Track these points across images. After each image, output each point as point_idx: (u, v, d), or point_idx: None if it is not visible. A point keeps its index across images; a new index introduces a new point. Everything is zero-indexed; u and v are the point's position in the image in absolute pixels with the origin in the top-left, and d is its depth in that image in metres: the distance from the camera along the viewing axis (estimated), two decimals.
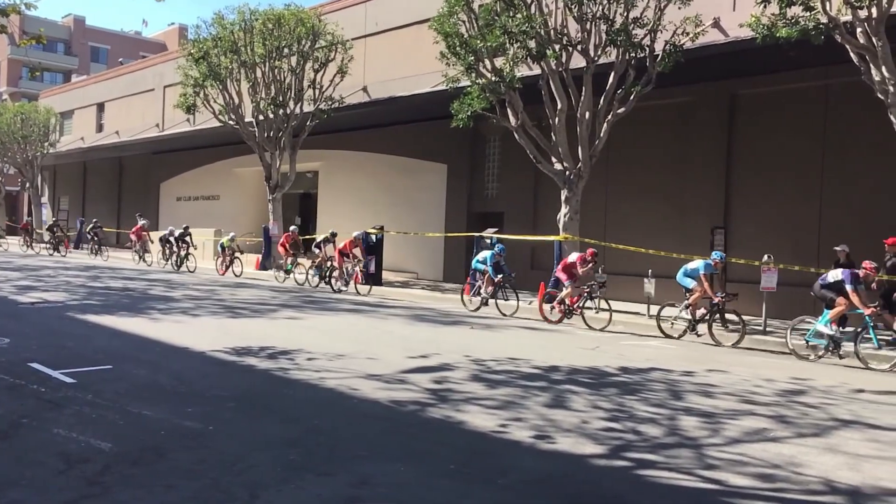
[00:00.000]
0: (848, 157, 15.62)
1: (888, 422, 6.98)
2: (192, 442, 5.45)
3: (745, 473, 5.21)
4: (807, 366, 10.57)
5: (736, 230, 17.00)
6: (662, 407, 7.20)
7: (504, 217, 21.75)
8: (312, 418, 6.28)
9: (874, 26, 11.77)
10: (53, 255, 31.02)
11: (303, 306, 15.52)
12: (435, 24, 16.99)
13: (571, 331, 13.69)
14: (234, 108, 25.08)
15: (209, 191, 34.76)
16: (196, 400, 6.76)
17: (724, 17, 16.48)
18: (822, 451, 5.84)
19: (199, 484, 4.59)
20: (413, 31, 23.78)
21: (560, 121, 16.62)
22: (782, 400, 7.81)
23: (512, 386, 7.92)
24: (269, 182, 25.69)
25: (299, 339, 10.53)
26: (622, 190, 19.31)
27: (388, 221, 23.47)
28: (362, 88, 25.60)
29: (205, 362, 8.79)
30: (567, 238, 16.72)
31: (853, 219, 15.21)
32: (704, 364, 10.05)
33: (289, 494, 4.46)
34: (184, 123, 32.98)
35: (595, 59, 16.02)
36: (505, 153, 22.13)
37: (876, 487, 5.03)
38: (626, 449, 5.75)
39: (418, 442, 5.72)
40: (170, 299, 15.61)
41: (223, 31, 24.40)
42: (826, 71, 15.11)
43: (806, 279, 14.51)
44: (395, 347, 10.25)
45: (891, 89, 11.76)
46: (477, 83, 16.75)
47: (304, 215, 31.69)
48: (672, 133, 18.50)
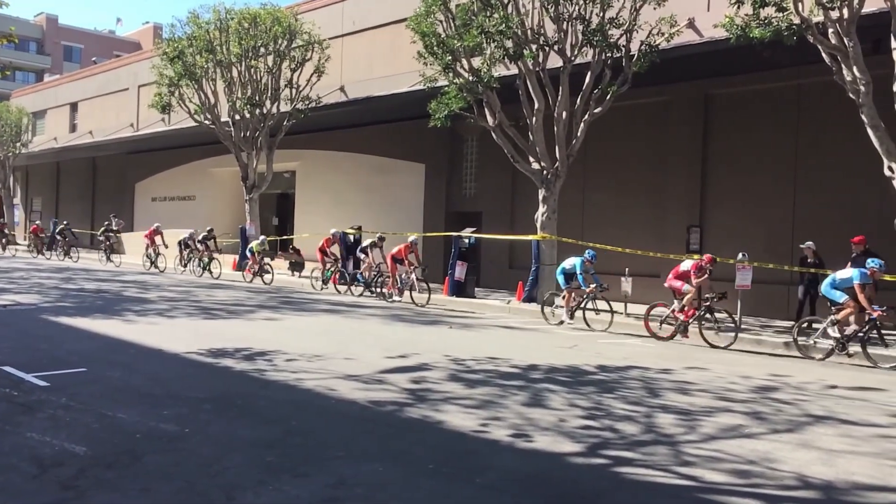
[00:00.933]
0: (820, 157, 15.83)
1: (861, 417, 7.08)
2: (168, 444, 5.40)
3: (721, 470, 5.26)
4: (782, 362, 10.69)
5: (711, 229, 17.17)
6: (640, 405, 7.25)
7: (482, 216, 21.79)
8: (290, 419, 6.24)
9: (845, 27, 11.94)
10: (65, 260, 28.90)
11: (280, 307, 15.43)
12: (412, 24, 16.97)
13: (549, 329, 13.73)
14: (209, 108, 24.89)
15: (185, 191, 34.46)
16: (172, 402, 6.69)
17: (699, 18, 16.63)
18: (797, 447, 5.91)
19: (174, 487, 4.54)
20: (390, 30, 23.75)
21: (537, 120, 16.67)
22: (758, 397, 7.89)
23: (490, 385, 7.93)
24: (246, 182, 25.53)
25: (277, 340, 10.47)
26: (599, 189, 19.41)
27: (366, 221, 23.41)
28: (340, 88, 25.53)
29: (180, 364, 8.71)
30: (545, 237, 16.78)
31: (826, 217, 15.41)
32: (682, 362, 10.12)
33: (266, 496, 4.43)
34: (159, 123, 32.67)
35: (572, 58, 16.10)
36: (483, 153, 22.16)
37: (849, 482, 5.10)
38: (604, 447, 5.77)
39: (397, 442, 5.70)
40: (145, 301, 15.45)
41: (198, 31, 24.23)
42: (799, 71, 15.29)
43: (780, 277, 14.70)
44: (374, 347, 10.22)
45: (862, 89, 11.92)
46: (454, 83, 16.76)
47: (282, 215, 31.53)
48: (648, 133, 18.63)
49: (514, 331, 13.35)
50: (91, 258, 29.65)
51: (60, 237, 30.53)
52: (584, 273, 13.96)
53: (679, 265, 13.21)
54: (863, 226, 14.02)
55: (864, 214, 14.62)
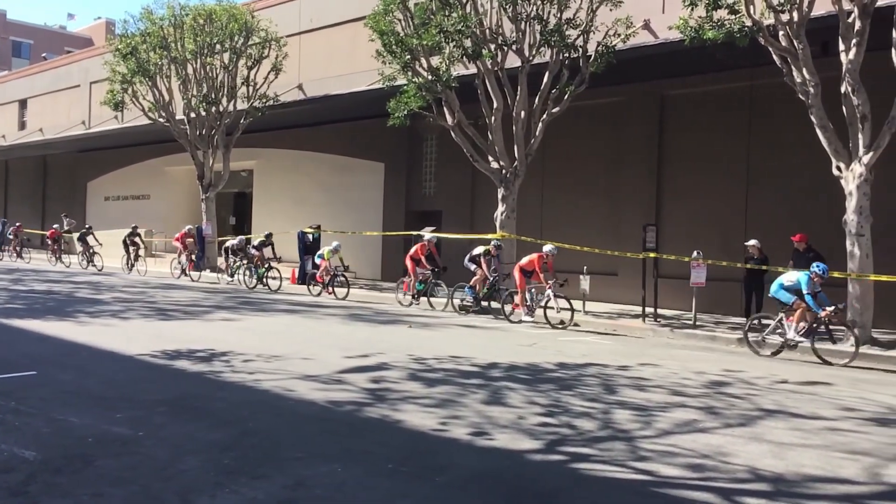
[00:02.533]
0: (772, 156, 16.18)
1: (810, 410, 7.26)
2: (121, 448, 5.30)
3: (676, 464, 5.35)
4: (734, 358, 10.90)
5: (667, 227, 17.42)
6: (597, 401, 7.33)
7: (442, 215, 21.81)
8: (247, 421, 6.17)
9: (795, 29, 12.22)
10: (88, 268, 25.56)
11: (238, 307, 15.25)
12: (370, 22, 16.91)
13: (510, 328, 13.81)
14: (164, 106, 24.49)
15: (139, 190, 33.84)
16: (125, 405, 6.57)
17: (654, 20, 16.87)
18: (749, 441, 6.04)
19: (128, 491, 4.46)
20: (349, 28, 23.62)
21: (496, 120, 16.75)
22: (711, 392, 8.04)
23: (450, 384, 7.94)
24: (202, 181, 25.17)
25: (234, 341, 10.35)
26: (557, 188, 19.57)
27: (326, 220, 23.27)
28: (298, 86, 25.31)
29: (135, 366, 8.55)
30: (504, 236, 16.86)
31: (777, 216, 15.75)
32: (638, 358, 10.27)
33: (223, 499, 4.37)
34: (112, 121, 32.02)
35: (530, 58, 16.21)
36: (442, 152, 22.18)
37: (799, 474, 5.22)
38: (562, 443, 5.83)
39: (356, 442, 5.68)
40: (98, 302, 15.14)
41: (152, 27, 23.83)
42: (751, 73, 15.60)
43: (734, 274, 14.99)
44: (333, 348, 10.16)
45: (811, 90, 12.22)
46: (413, 82, 16.74)
47: (239, 215, 31.17)
48: (605, 132, 18.84)
49: (474, 329, 13.40)
50: (41, 258, 28.96)
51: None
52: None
53: None
54: (813, 224, 14.38)
55: (814, 213, 14.99)
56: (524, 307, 14.55)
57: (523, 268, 14.95)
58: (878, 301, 12.13)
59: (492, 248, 15.74)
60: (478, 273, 15.72)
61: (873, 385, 8.99)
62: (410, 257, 16.85)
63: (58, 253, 27.08)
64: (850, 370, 10.23)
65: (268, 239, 20.58)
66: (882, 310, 12.44)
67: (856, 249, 11.95)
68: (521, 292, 14.59)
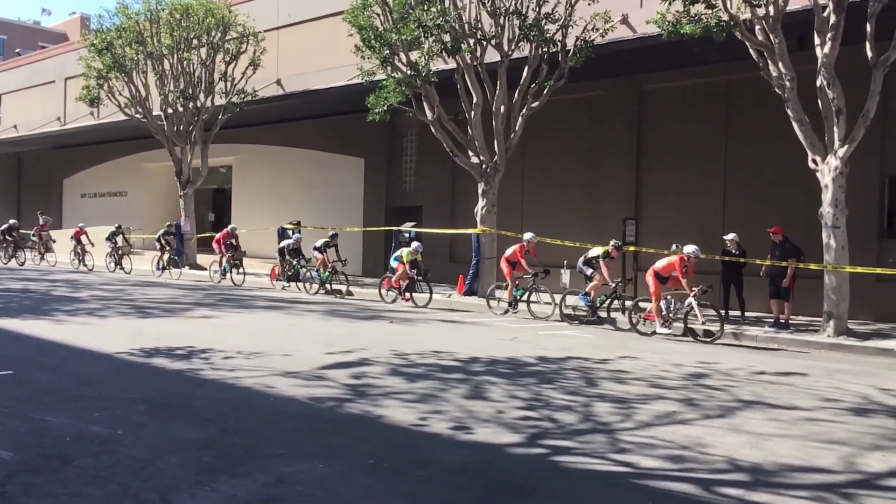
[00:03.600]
0: (749, 150, 16.31)
1: (787, 401, 7.35)
2: (100, 447, 5.25)
3: (655, 455, 5.39)
4: (713, 350, 10.99)
5: (646, 221, 17.53)
6: (578, 394, 7.37)
7: (422, 211, 21.79)
8: (227, 418, 6.14)
9: (771, 24, 12.32)
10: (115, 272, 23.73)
11: (218, 304, 15.15)
12: (349, 17, 16.83)
13: (490, 322, 13.83)
14: (140, 101, 24.26)
15: (116, 187, 33.50)
16: (103, 404, 6.51)
17: (632, 14, 16.92)
18: (727, 432, 6.10)
19: (106, 490, 4.42)
20: (327, 23, 23.48)
21: (476, 115, 16.75)
22: (690, 383, 8.11)
23: (431, 379, 7.94)
24: (180, 177, 24.97)
25: (214, 338, 10.28)
26: (538, 182, 19.62)
27: (306, 216, 23.17)
28: (276, 81, 25.13)
29: (113, 364, 8.48)
30: (485, 231, 16.88)
31: (755, 209, 15.88)
32: (618, 351, 10.33)
33: (202, 497, 4.35)
34: (88, 117, 31.63)
35: (509, 53, 16.22)
36: (422, 147, 22.14)
37: (776, 464, 5.28)
38: (543, 436, 5.85)
39: (337, 438, 5.67)
40: (75, 300, 14.98)
41: (128, 21, 23.59)
42: (728, 67, 15.71)
43: (712, 268, 15.10)
44: (314, 344, 10.13)
45: (787, 84, 12.33)
46: (393, 77, 16.69)
47: (218, 211, 30.96)
48: (584, 126, 18.90)
49: (455, 324, 13.40)
50: None
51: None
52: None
53: None
54: (790, 217, 14.52)
55: (790, 205, 15.13)
56: (659, 318, 12.44)
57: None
58: (853, 292, 12.28)
59: (611, 249, 13.81)
60: (595, 278, 13.73)
61: (849, 375, 9.11)
62: (507, 260, 14.85)
63: (81, 255, 24.52)
64: (827, 361, 10.36)
65: (332, 239, 18.26)
66: (857, 301, 12.59)
67: (832, 241, 12.09)
68: (655, 300, 12.48)
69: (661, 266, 12.58)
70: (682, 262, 12.18)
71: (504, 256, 14.88)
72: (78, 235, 24.85)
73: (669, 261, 12.47)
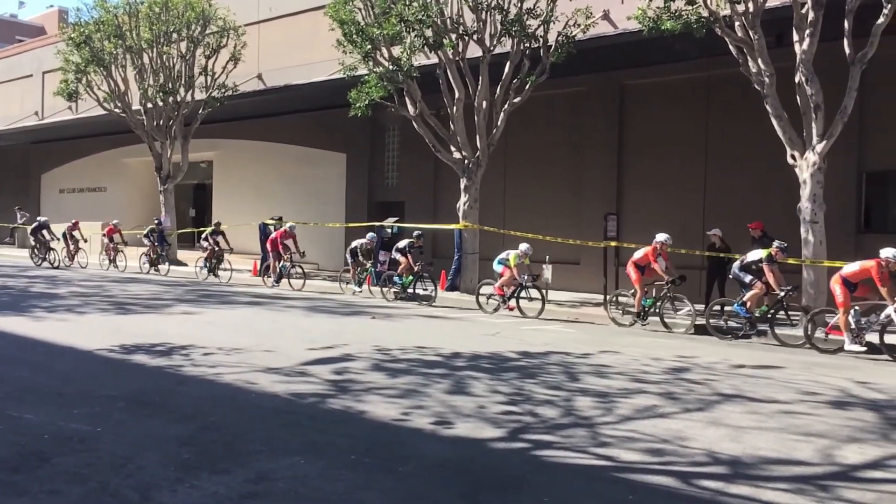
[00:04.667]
0: (729, 146, 16.44)
1: (766, 394, 7.42)
2: (79, 445, 5.21)
3: (636, 449, 5.43)
4: (691, 344, 11.09)
5: (627, 216, 17.62)
6: (559, 389, 7.40)
7: (405, 206, 21.77)
8: (208, 415, 6.10)
9: (750, 20, 12.42)
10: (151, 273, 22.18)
11: (199, 300, 15.06)
12: (330, 11, 16.77)
13: (472, 318, 13.85)
14: (119, 96, 24.03)
15: (95, 182, 33.17)
16: (83, 401, 6.45)
17: (614, 10, 16.99)
18: (707, 425, 6.15)
19: (85, 488, 4.39)
20: (309, 17, 23.37)
21: (458, 110, 16.75)
22: (670, 377, 8.17)
23: (414, 374, 7.95)
24: (160, 173, 24.77)
25: (195, 335, 10.21)
26: (519, 178, 19.66)
27: (287, 212, 23.02)
28: (257, 76, 24.99)
29: (93, 361, 8.41)
30: (467, 226, 16.90)
31: (734, 204, 16.02)
32: (600, 346, 10.38)
33: (182, 494, 4.32)
34: (66, 111, 31.29)
35: (491, 48, 16.22)
36: (404, 142, 22.11)
37: (755, 457, 5.34)
38: (525, 431, 5.88)
39: (318, 434, 5.66)
40: (54, 296, 14.83)
41: (106, 15, 23.35)
42: (708, 63, 15.81)
43: (692, 262, 15.23)
44: (296, 340, 10.10)
45: (766, 80, 12.44)
46: (374, 72, 16.65)
47: (199, 207, 30.74)
48: (566, 122, 18.96)
49: (437, 319, 13.41)
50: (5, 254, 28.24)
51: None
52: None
53: None
54: (768, 212, 14.66)
55: (769, 201, 15.27)
56: (848, 332, 10.42)
57: (847, 278, 10.64)
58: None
59: (775, 252, 11.58)
60: (755, 286, 11.67)
61: (827, 368, 9.21)
62: (635, 263, 13.05)
63: (112, 254, 22.89)
64: (804, 354, 10.47)
65: (417, 240, 16.39)
66: None
67: (810, 236, 12.22)
68: (842, 312, 10.49)
69: (851, 272, 10.62)
70: (879, 269, 10.26)
71: (632, 260, 13.07)
72: (111, 233, 23.14)
73: (863, 266, 10.50)
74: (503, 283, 14.38)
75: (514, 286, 14.27)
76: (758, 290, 11.67)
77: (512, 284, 14.28)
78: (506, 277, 14.30)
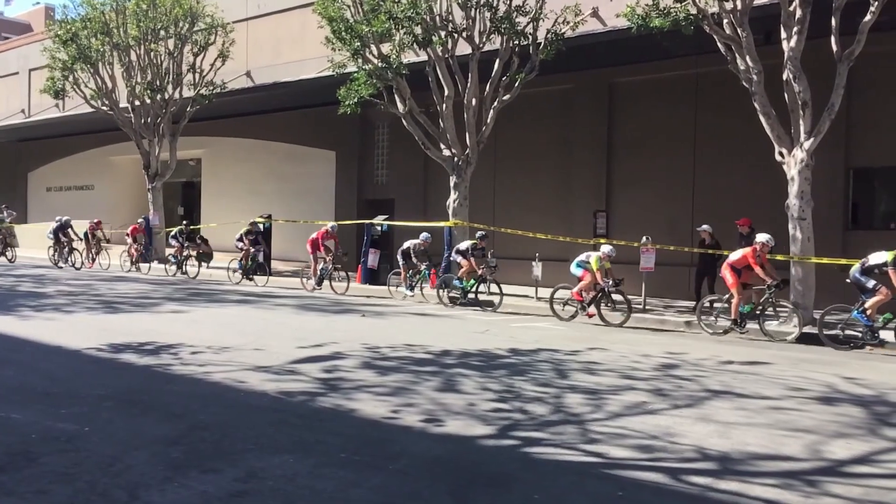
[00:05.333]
0: (717, 143, 16.51)
1: (754, 390, 7.46)
2: (67, 444, 5.17)
3: (625, 445, 5.44)
4: (681, 340, 11.12)
5: (617, 213, 17.67)
6: (549, 386, 7.41)
7: (394, 204, 21.74)
8: (197, 414, 6.08)
9: (739, 17, 12.46)
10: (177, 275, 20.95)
11: (188, 299, 14.99)
12: (319, 8, 16.72)
13: (462, 315, 13.86)
14: (107, 93, 23.88)
15: (83, 180, 32.99)
16: (70, 400, 6.41)
17: (603, 7, 17.01)
18: (696, 421, 6.18)
19: (73, 488, 4.36)
20: (297, 14, 23.31)
21: (447, 107, 16.74)
22: (659, 374, 8.19)
23: (404, 372, 7.94)
24: (148, 170, 24.65)
25: (183, 333, 10.17)
26: (509, 175, 19.67)
27: (277, 210, 23.00)
28: (246, 73, 24.91)
29: (80, 360, 8.35)
30: (457, 224, 16.89)
31: (723, 200, 16.09)
32: (589, 343, 10.41)
33: (171, 493, 4.30)
34: (53, 109, 31.10)
35: (480, 46, 16.22)
36: (394, 140, 22.08)
37: (744, 452, 5.36)
38: (514, 428, 5.88)
39: (308, 432, 5.65)
40: (41, 295, 14.74)
41: (93, 12, 23.20)
42: (697, 60, 15.87)
43: (681, 259, 15.29)
44: (285, 338, 10.07)
45: (754, 78, 12.48)
46: (363, 69, 16.60)
47: (188, 205, 30.61)
48: (556, 119, 18.99)
49: (427, 317, 13.41)
50: None
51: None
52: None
53: None
54: (757, 208, 14.72)
55: (757, 197, 15.34)
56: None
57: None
58: (819, 283, 12.49)
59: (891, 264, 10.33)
60: (880, 292, 10.48)
61: (815, 364, 9.27)
62: (731, 266, 11.89)
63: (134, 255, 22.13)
64: (793, 350, 10.53)
65: (480, 240, 15.26)
66: (823, 292, 12.80)
67: (798, 233, 12.28)
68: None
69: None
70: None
71: (728, 262, 11.98)
72: (135, 233, 22.38)
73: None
74: (582, 287, 13.21)
75: (595, 291, 13.12)
76: (883, 297, 10.51)
77: (593, 290, 13.12)
78: (586, 282, 13.11)
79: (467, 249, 15.16)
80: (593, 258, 13.13)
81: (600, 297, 13.12)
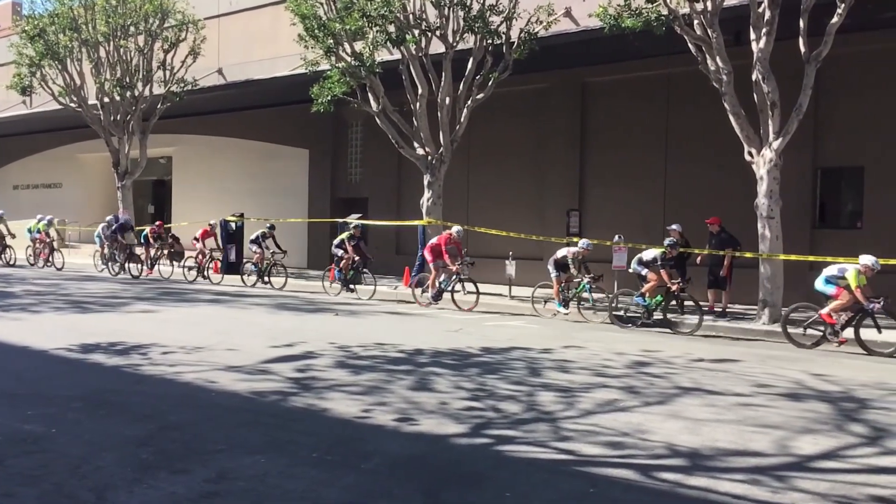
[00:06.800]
0: (688, 142, 16.67)
1: (724, 387, 7.55)
2: (33, 446, 5.09)
3: (597, 443, 5.48)
4: (655, 339, 11.22)
5: (590, 212, 17.77)
6: (522, 384, 7.44)
7: (368, 202, 21.68)
8: (167, 414, 6.01)
9: (709, 18, 12.59)
10: None
11: (158, 298, 14.83)
12: (292, 6, 16.60)
13: (437, 314, 13.85)
14: (75, 90, 23.51)
15: (50, 178, 32.45)
16: (37, 402, 6.31)
17: (575, 7, 17.07)
18: (667, 418, 6.24)
19: (40, 490, 4.30)
20: (269, 11, 23.12)
21: (421, 106, 16.72)
22: (631, 372, 8.26)
23: (377, 371, 7.92)
24: (118, 168, 24.31)
25: (154, 333, 10.05)
26: (483, 174, 19.69)
27: (249, 208, 22.80)
28: (217, 70, 24.64)
29: (48, 361, 8.23)
30: (431, 222, 16.88)
31: (694, 200, 16.24)
32: (562, 341, 10.46)
33: (140, 494, 4.25)
34: (20, 106, 30.48)
35: (454, 44, 16.21)
36: (367, 138, 22.01)
37: (713, 448, 5.43)
38: (487, 426, 5.90)
39: (280, 432, 5.61)
40: (8, 295, 14.48)
41: (61, 7, 22.81)
42: (668, 60, 15.99)
43: None
44: (258, 338, 9.99)
45: (724, 78, 12.62)
46: (337, 67, 16.53)
47: (158, 203, 30.26)
48: (529, 119, 19.04)
49: (401, 316, 13.39)
50: None
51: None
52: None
53: None
54: (728, 207, 14.88)
55: (728, 197, 15.50)
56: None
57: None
58: (787, 281, 12.67)
59: None
60: None
61: (783, 361, 9.40)
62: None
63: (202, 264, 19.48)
64: (761, 347, 10.66)
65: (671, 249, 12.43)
66: (791, 290, 12.99)
67: (766, 231, 12.45)
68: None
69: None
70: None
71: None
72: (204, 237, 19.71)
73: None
74: (836, 308, 10.56)
75: (853, 312, 10.50)
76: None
77: (851, 310, 10.50)
78: (842, 301, 10.46)
79: (655, 260, 12.44)
80: (852, 272, 10.30)
81: (861, 318, 10.45)
